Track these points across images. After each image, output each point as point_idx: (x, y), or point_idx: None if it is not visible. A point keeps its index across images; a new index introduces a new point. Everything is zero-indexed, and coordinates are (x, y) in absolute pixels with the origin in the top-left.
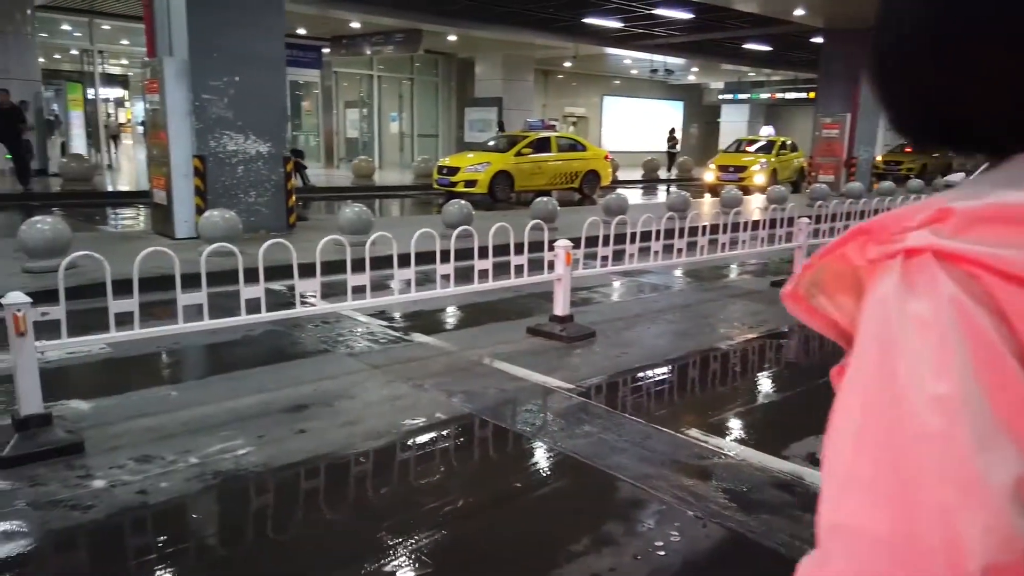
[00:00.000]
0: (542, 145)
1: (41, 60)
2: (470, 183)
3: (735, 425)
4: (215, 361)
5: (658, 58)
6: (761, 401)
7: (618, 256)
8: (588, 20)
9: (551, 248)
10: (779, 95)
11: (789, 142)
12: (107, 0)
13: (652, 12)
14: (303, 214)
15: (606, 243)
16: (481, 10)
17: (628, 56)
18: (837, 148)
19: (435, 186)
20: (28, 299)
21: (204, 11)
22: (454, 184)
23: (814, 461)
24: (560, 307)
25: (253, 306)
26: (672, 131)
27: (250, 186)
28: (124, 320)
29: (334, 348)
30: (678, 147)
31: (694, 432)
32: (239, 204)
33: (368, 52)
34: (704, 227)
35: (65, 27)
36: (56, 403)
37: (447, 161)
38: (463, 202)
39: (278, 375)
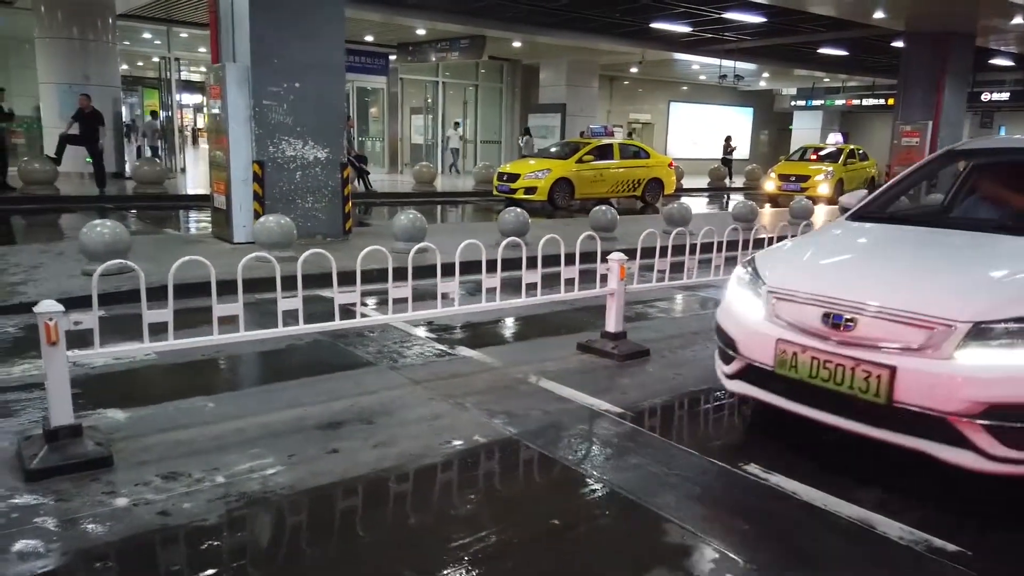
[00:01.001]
0: (604, 152)
1: (124, 67)
2: (530, 190)
3: (800, 462)
4: (255, 371)
5: (727, 63)
6: (830, 436)
7: (678, 269)
8: (655, 25)
9: (604, 260)
10: (855, 101)
11: (860, 150)
12: (184, 8)
13: (722, 16)
14: (363, 219)
15: (663, 254)
16: (546, 16)
17: (696, 61)
18: (917, 157)
19: (495, 193)
20: (60, 307)
21: (266, 18)
22: (514, 191)
23: (888, 508)
24: (612, 323)
25: (296, 316)
26: (728, 139)
27: (307, 192)
28: (163, 329)
29: (377, 361)
30: (734, 154)
31: (753, 468)
32: (296, 209)
33: (433, 59)
34: (770, 239)
35: (145, 35)
36: (93, 412)
37: (507, 168)
38: (519, 210)
39: (316, 388)
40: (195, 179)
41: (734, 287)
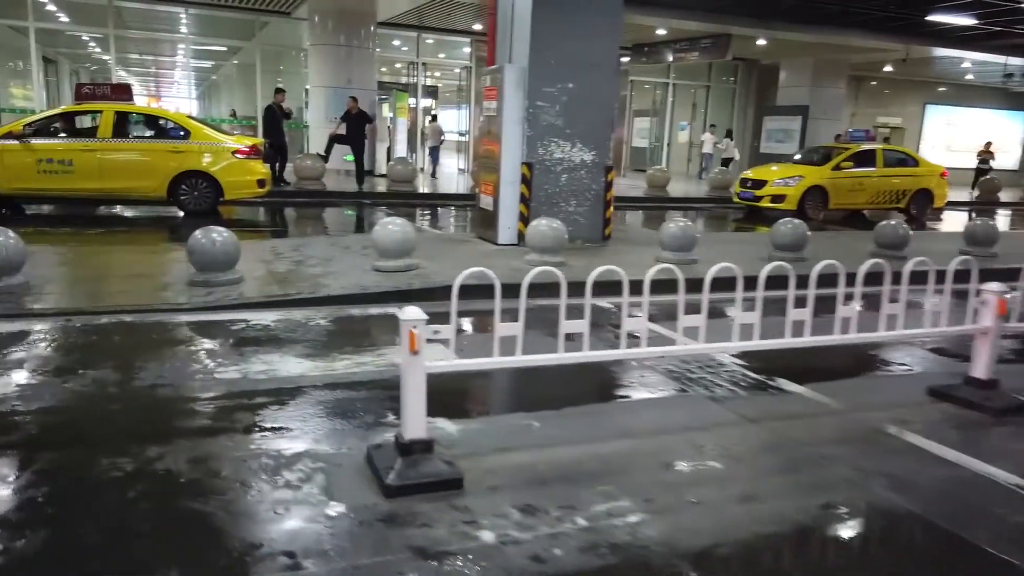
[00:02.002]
0: (865, 158)
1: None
2: (777, 198)
3: None
4: (568, 387)
5: (1016, 61)
6: None
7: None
8: (933, 18)
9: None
10: None
11: None
12: (436, 15)
13: (1019, 6)
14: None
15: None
16: (805, 11)
17: (968, 58)
18: None
19: (735, 200)
20: (423, 316)
21: (547, 18)
22: (758, 199)
23: None
24: (982, 368)
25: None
26: (988, 144)
27: (571, 195)
28: (507, 347)
29: (689, 386)
30: (992, 163)
31: None
32: (560, 213)
33: (671, 59)
34: None
35: (395, 42)
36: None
37: (751, 174)
38: (796, 221)
39: (637, 415)
40: (441, 179)
41: None
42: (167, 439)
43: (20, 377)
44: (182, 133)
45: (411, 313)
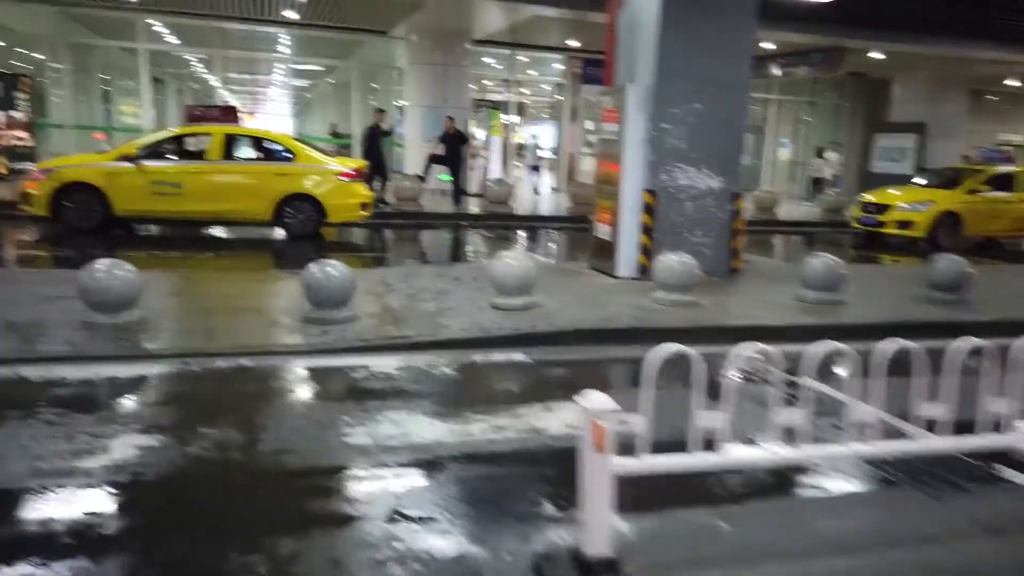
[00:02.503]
0: (1002, 182)
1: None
2: (904, 224)
3: None
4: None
5: None
6: None
7: None
8: None
9: None
10: None
11: None
12: (530, 33)
13: None
14: None
15: None
16: (926, 22)
17: None
18: None
19: (854, 225)
20: (611, 404)
21: (674, 35)
22: (881, 224)
23: None
24: None
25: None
26: None
27: (696, 224)
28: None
29: (889, 472)
30: None
31: None
32: (684, 243)
33: (778, 74)
34: None
35: (486, 59)
36: None
37: (871, 196)
38: (956, 257)
39: (841, 517)
40: (529, 199)
41: None
42: (301, 529)
43: (139, 438)
44: (288, 155)
45: (597, 402)
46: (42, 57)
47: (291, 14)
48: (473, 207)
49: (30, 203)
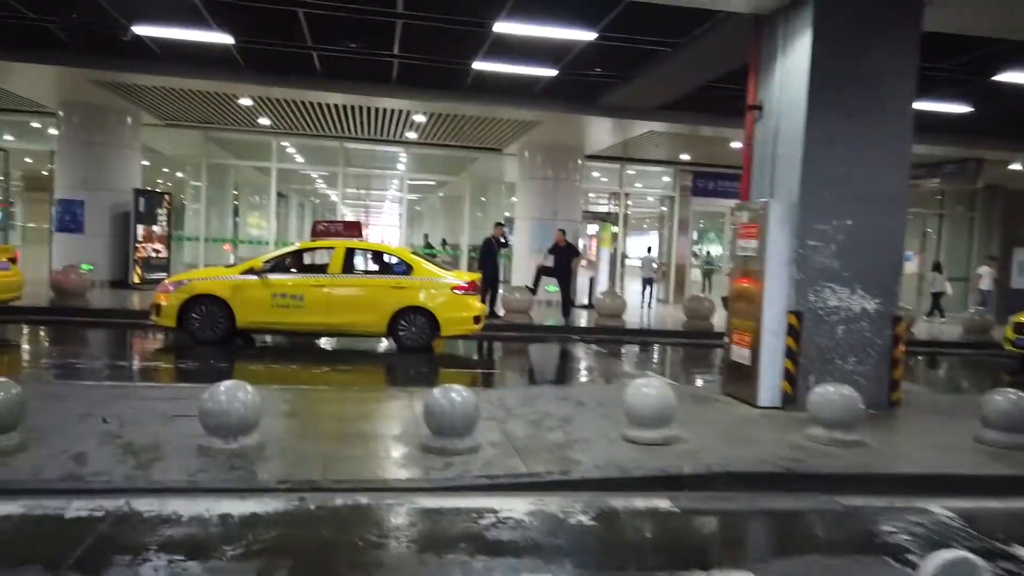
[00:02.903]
0: None
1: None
2: None
3: None
4: None
5: None
6: None
7: None
8: None
9: None
10: None
11: None
12: (642, 148)
13: None
14: None
15: None
16: None
17: None
18: None
19: (1008, 348)
20: None
21: (823, 144)
22: None
23: None
24: None
25: None
26: None
27: (849, 350)
28: None
29: None
30: None
31: None
32: (834, 371)
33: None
34: None
35: (595, 173)
36: None
37: None
38: None
39: None
40: (640, 312)
41: None
42: None
43: None
44: (404, 268)
45: None
46: (183, 176)
47: (411, 135)
48: (584, 320)
49: (159, 314)
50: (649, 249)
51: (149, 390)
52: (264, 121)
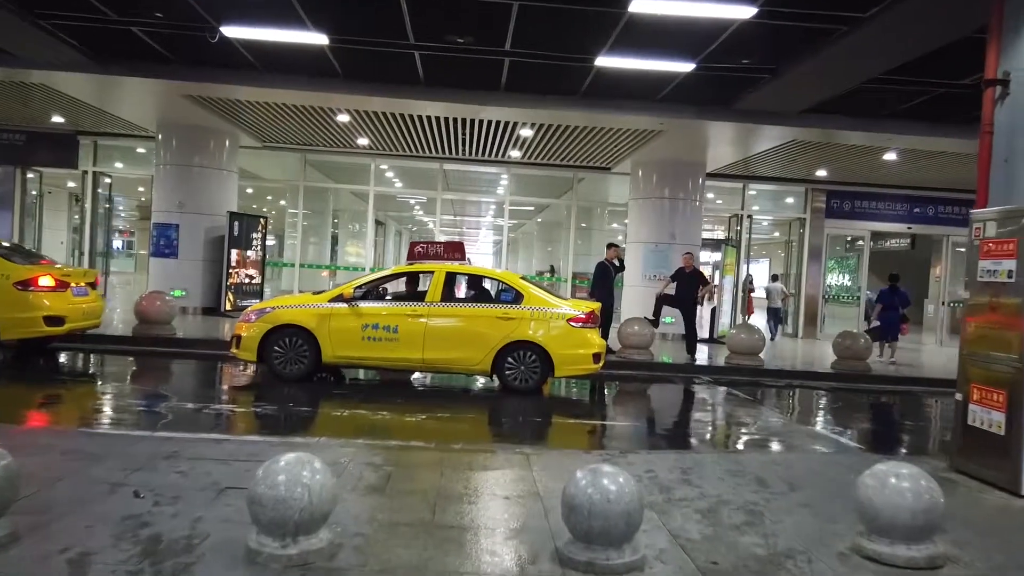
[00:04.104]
0: None
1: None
2: None
3: None
4: None
5: None
6: None
7: None
8: None
9: None
10: None
11: None
12: (770, 164)
13: None
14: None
15: None
16: None
17: None
18: None
19: None
20: None
21: None
22: None
23: None
24: None
25: None
26: None
27: None
28: None
29: None
30: None
31: None
32: None
33: None
34: None
35: (708, 194)
36: None
37: None
38: None
39: None
40: (773, 348)
41: None
42: None
43: None
44: (513, 297)
45: None
46: (284, 203)
47: (515, 153)
48: (712, 356)
49: (239, 346)
50: (775, 277)
51: (205, 445)
52: (363, 141)
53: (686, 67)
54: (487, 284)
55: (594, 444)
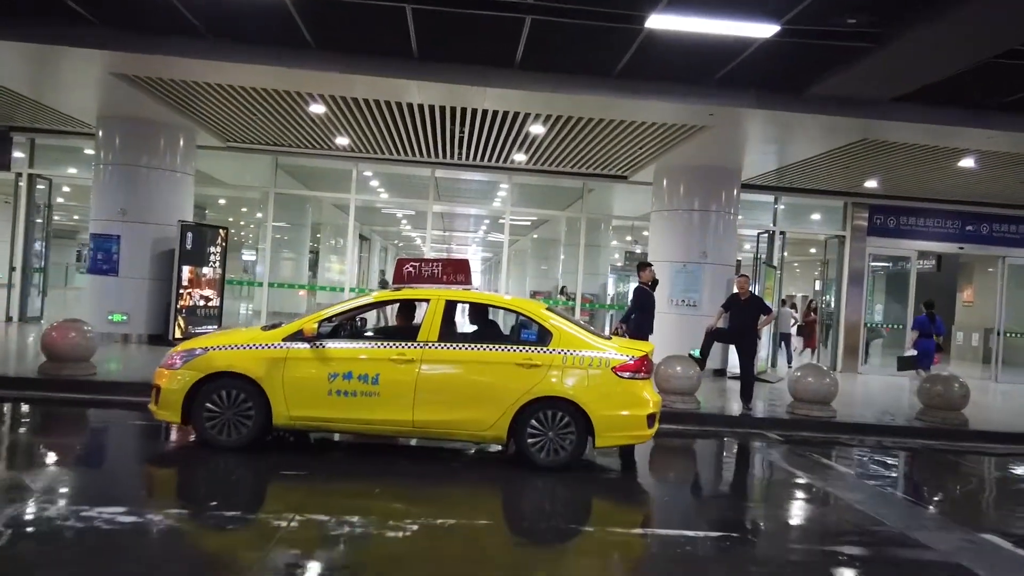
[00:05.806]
0: None
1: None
2: None
3: None
4: None
5: None
6: None
7: None
8: None
9: None
10: None
11: None
12: (809, 175)
13: None
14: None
15: None
16: None
17: None
18: None
19: None
20: None
21: None
22: None
23: None
24: None
25: None
26: None
27: None
28: None
29: None
30: None
31: None
32: None
33: None
34: None
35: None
36: None
37: None
38: None
39: None
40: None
41: None
42: None
43: None
44: (537, 335)
45: None
46: (259, 215)
47: (519, 156)
48: (768, 403)
49: (158, 402)
50: (784, 302)
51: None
52: (342, 141)
53: (767, 30)
54: (501, 317)
55: (644, 547)
